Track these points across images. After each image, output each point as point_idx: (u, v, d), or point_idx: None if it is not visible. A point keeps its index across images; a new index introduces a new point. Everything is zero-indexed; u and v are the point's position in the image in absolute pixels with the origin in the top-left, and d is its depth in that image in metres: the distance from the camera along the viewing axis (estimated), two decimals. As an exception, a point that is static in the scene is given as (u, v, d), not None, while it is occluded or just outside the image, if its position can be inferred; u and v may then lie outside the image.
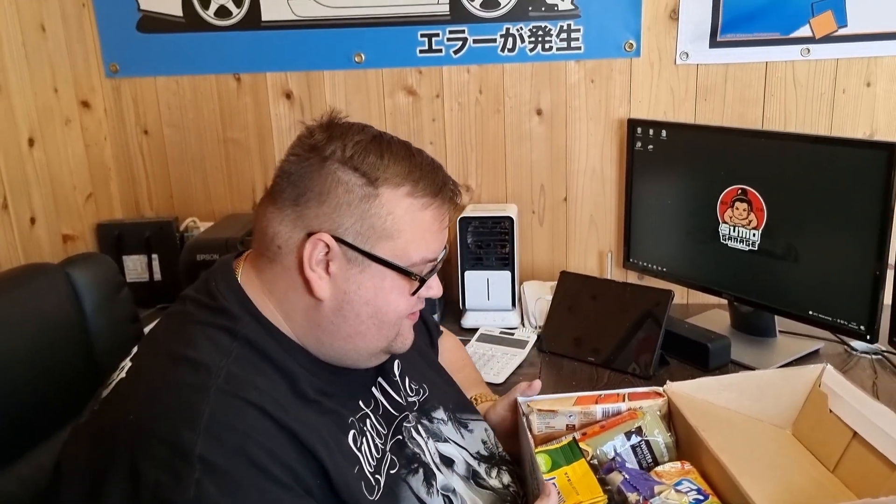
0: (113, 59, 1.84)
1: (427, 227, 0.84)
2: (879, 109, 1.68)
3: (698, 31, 1.68)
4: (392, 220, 0.81)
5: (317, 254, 0.80)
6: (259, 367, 0.80)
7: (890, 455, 0.86)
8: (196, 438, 0.69)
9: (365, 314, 0.84)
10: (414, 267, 0.84)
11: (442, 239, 0.87)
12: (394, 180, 0.81)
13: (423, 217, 0.84)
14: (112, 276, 1.17)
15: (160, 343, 0.83)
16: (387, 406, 0.93)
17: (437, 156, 1.81)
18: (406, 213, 0.82)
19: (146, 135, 1.89)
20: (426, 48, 1.76)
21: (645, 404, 1.00)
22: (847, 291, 1.35)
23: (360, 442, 0.84)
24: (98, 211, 1.86)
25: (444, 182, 0.86)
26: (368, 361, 0.89)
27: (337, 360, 0.87)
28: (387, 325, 0.85)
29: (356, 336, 0.85)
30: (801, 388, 1.04)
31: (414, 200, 0.83)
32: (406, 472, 0.87)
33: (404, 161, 0.83)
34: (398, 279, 0.84)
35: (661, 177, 1.67)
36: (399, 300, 0.85)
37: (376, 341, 0.86)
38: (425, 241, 0.84)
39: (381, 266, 0.82)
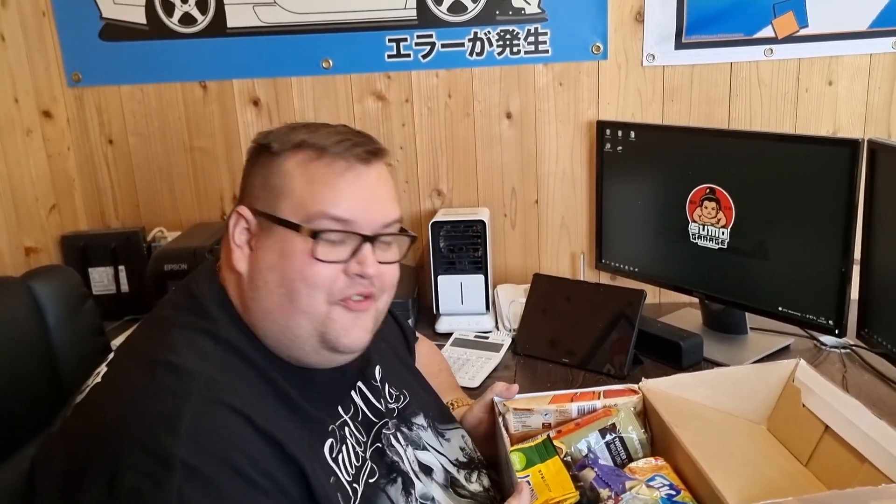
0: (75, 68, 1.80)
1: (320, 178, 0.81)
2: (841, 107, 1.71)
3: (664, 32, 1.70)
4: (288, 178, 0.82)
5: (240, 228, 0.83)
6: (241, 372, 0.79)
7: (860, 448, 0.87)
8: (178, 443, 0.67)
9: (273, 282, 0.81)
10: (310, 222, 0.80)
11: (341, 194, 0.82)
12: (294, 142, 0.83)
13: (315, 169, 0.82)
14: (76, 289, 1.15)
15: (139, 348, 0.81)
16: (366, 412, 0.91)
17: (408, 161, 1.83)
18: (298, 166, 0.82)
19: (111, 144, 1.86)
20: (394, 53, 1.75)
21: (620, 401, 1.00)
22: (815, 287, 1.37)
23: (336, 451, 0.82)
24: (62, 222, 1.82)
25: (346, 137, 0.84)
26: (315, 356, 0.84)
27: (289, 357, 0.84)
28: (297, 296, 0.80)
29: (275, 313, 0.81)
30: (776, 383, 1.05)
31: (307, 153, 0.83)
32: (385, 482, 0.86)
33: (311, 127, 0.85)
34: (297, 239, 0.80)
35: (631, 178, 1.68)
36: (303, 264, 0.80)
37: (296, 318, 0.81)
38: (320, 193, 0.81)
39: (282, 227, 0.81)
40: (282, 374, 0.82)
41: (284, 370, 0.83)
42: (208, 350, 0.78)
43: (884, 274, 1.29)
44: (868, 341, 1.33)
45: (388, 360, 1.02)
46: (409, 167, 1.83)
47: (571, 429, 0.97)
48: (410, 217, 1.87)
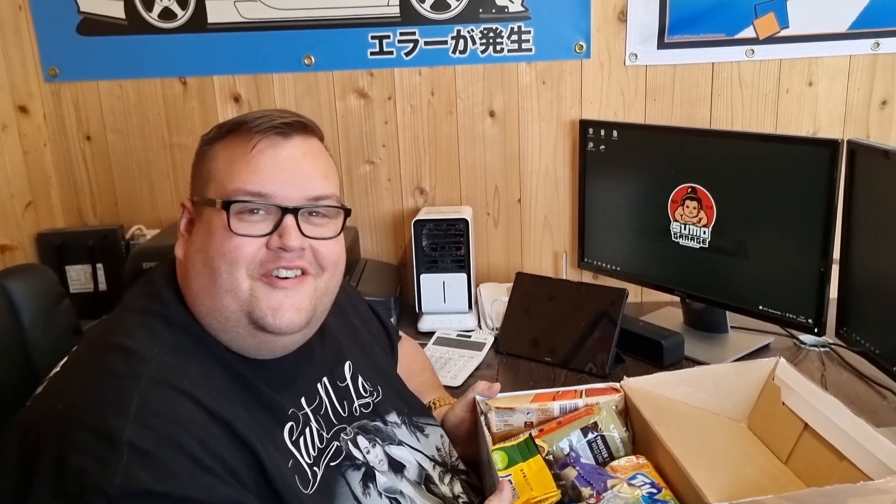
0: (52, 63, 1.77)
1: (237, 155, 0.83)
2: (821, 108, 1.73)
3: (646, 32, 1.70)
4: (213, 162, 0.85)
5: (184, 219, 0.87)
6: (194, 354, 0.79)
7: (839, 445, 0.87)
8: (125, 425, 0.67)
9: (199, 263, 0.82)
10: (227, 197, 0.81)
11: (256, 168, 0.81)
12: (218, 130, 0.86)
13: (233, 147, 0.84)
14: (51, 288, 1.13)
15: (95, 334, 0.82)
16: (329, 411, 0.91)
17: (391, 159, 1.82)
18: (220, 150, 0.85)
19: (89, 140, 1.83)
20: (377, 50, 1.74)
21: (602, 400, 1.00)
22: (795, 286, 1.38)
23: (297, 434, 0.82)
24: (38, 220, 1.79)
25: (263, 115, 0.84)
26: (252, 339, 0.82)
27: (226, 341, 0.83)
28: (218, 273, 0.80)
29: (203, 294, 0.81)
30: (756, 381, 1.05)
31: (226, 137, 0.85)
32: (346, 466, 0.86)
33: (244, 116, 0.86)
34: (215, 215, 0.81)
35: (613, 177, 1.68)
36: (221, 239, 0.80)
37: (224, 301, 0.80)
38: (237, 170, 0.82)
39: (207, 208, 0.83)
40: (238, 358, 0.83)
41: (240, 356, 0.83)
42: (161, 333, 0.78)
43: (862, 273, 1.30)
44: (847, 340, 1.35)
45: (360, 358, 1.01)
46: (391, 165, 1.82)
47: (553, 427, 0.97)
48: (393, 215, 1.86)
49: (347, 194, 1.83)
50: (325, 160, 0.89)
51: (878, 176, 1.24)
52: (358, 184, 1.83)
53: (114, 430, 0.67)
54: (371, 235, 1.87)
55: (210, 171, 0.84)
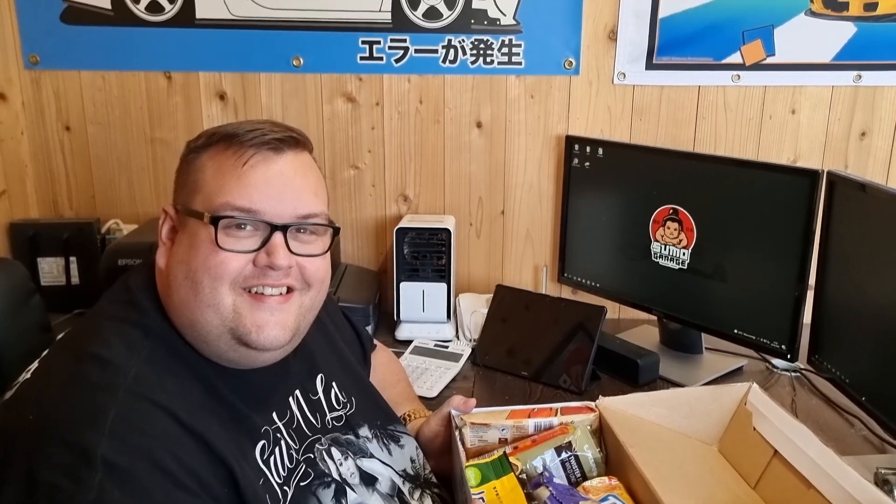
0: (33, 50, 1.74)
1: (227, 169, 0.81)
2: (802, 136, 1.76)
3: (635, 52, 1.72)
4: (201, 171, 0.83)
5: (165, 227, 0.84)
6: (171, 367, 0.77)
7: (807, 474, 0.88)
8: (100, 440, 0.66)
9: (181, 275, 0.80)
10: (215, 211, 0.79)
11: (247, 183, 0.80)
12: (208, 134, 0.84)
13: (223, 160, 0.82)
14: (21, 283, 1.11)
15: (69, 340, 0.80)
16: (301, 423, 0.90)
17: (376, 164, 1.81)
18: (208, 161, 0.83)
19: (68, 131, 1.80)
20: (367, 55, 1.74)
21: (577, 419, 1.00)
22: (770, 311, 1.39)
23: (268, 453, 0.81)
24: (11, 209, 1.75)
25: (258, 126, 0.83)
26: (234, 353, 0.81)
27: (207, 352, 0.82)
28: (200, 287, 0.79)
29: (183, 307, 0.80)
30: (728, 405, 1.06)
31: (217, 147, 0.83)
32: (317, 485, 0.85)
33: (229, 125, 0.85)
34: (201, 229, 0.80)
35: (597, 194, 1.69)
36: (206, 253, 0.79)
37: (206, 315, 0.79)
38: (226, 184, 0.80)
39: (192, 219, 0.81)
40: (214, 371, 0.81)
41: (217, 367, 0.82)
42: (138, 343, 0.77)
43: (836, 302, 1.32)
44: (818, 367, 1.36)
45: (334, 368, 1.00)
46: (376, 171, 1.82)
47: (528, 445, 0.97)
48: (375, 221, 1.85)
49: (331, 198, 1.81)
50: (316, 176, 0.88)
51: (855, 207, 1.26)
52: (342, 188, 1.82)
53: (88, 445, 0.65)
54: (352, 240, 1.86)
55: (197, 181, 0.82)
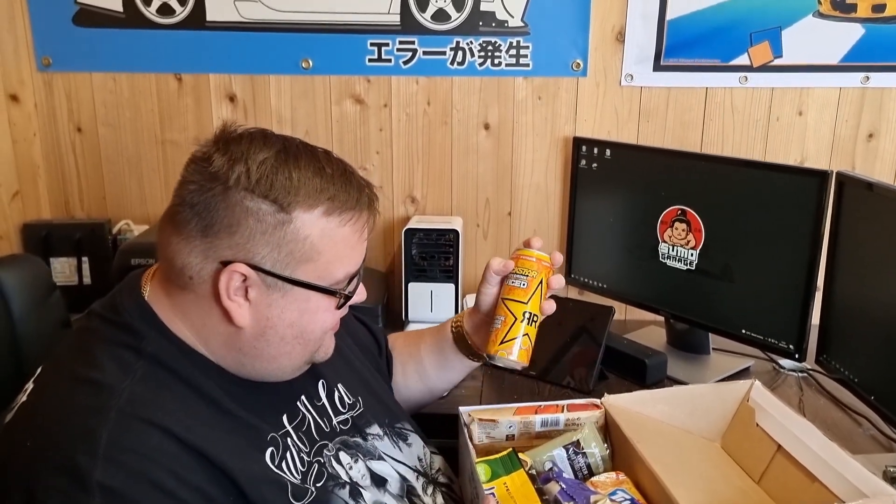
0: (46, 52, 1.76)
1: (347, 243, 0.82)
2: (809, 138, 1.76)
3: (643, 54, 1.72)
4: (310, 244, 0.78)
5: (234, 284, 0.77)
6: (166, 384, 0.76)
7: (811, 467, 0.89)
8: (94, 464, 0.66)
9: (290, 336, 0.82)
10: (338, 284, 0.83)
11: (362, 249, 0.86)
12: (307, 202, 0.77)
13: (342, 234, 0.81)
14: (42, 279, 1.13)
15: (62, 363, 0.79)
16: (311, 427, 0.90)
17: (384, 166, 1.82)
18: (323, 233, 0.79)
19: (79, 132, 1.82)
20: (375, 57, 1.75)
21: (583, 416, 1.01)
22: (778, 312, 1.39)
23: (278, 458, 0.81)
24: (25, 210, 1.77)
25: (359, 192, 0.82)
26: (292, 375, 0.88)
27: (258, 378, 0.85)
28: (312, 342, 0.85)
29: (281, 356, 0.83)
30: (731, 402, 1.07)
31: (330, 219, 0.79)
32: (332, 486, 0.85)
33: (315, 178, 0.78)
34: (323, 299, 0.82)
35: (604, 195, 1.70)
36: (325, 317, 0.84)
37: (301, 357, 0.86)
38: (347, 258, 0.82)
39: (305, 289, 0.80)
40: (221, 386, 0.81)
41: (227, 383, 0.82)
42: (132, 364, 0.76)
43: (845, 302, 1.32)
44: (826, 367, 1.36)
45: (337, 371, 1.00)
46: (384, 172, 1.83)
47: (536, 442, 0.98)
48: (383, 222, 1.86)
49: (338, 199, 1.83)
50: None
51: (864, 208, 1.26)
52: (349, 189, 1.83)
53: (83, 470, 0.66)
54: (360, 241, 1.87)
55: (303, 252, 0.78)
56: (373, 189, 0.86)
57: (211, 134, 0.81)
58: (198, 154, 0.80)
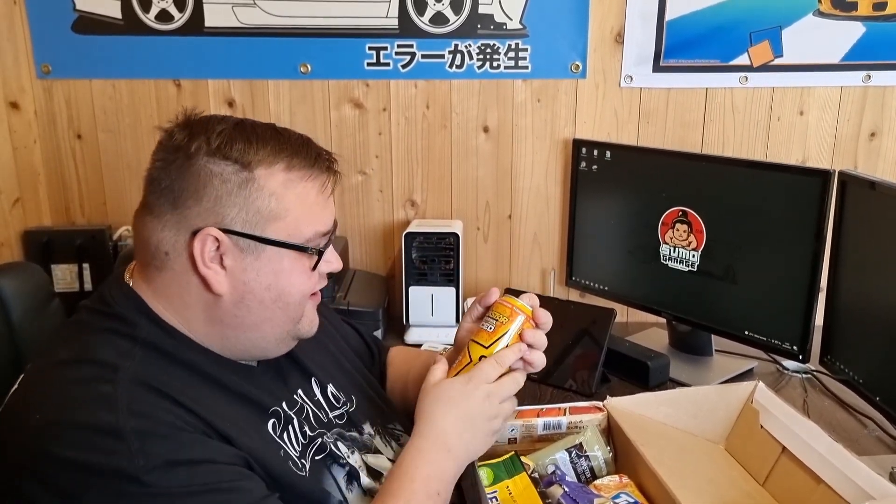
0: (45, 60, 1.76)
1: (313, 199, 0.84)
2: (811, 137, 1.75)
3: (642, 55, 1.72)
4: (276, 200, 0.81)
5: (208, 250, 0.79)
6: (165, 367, 0.78)
7: (817, 469, 0.88)
8: (119, 417, 0.69)
9: (268, 299, 0.83)
10: (309, 242, 0.84)
11: (329, 210, 0.87)
12: (267, 160, 0.81)
13: (305, 189, 0.83)
14: (42, 287, 1.13)
15: (55, 353, 0.79)
16: (309, 415, 0.91)
17: (383, 170, 1.82)
18: (287, 188, 0.81)
19: (79, 139, 1.82)
20: (374, 61, 1.75)
21: (585, 418, 1.01)
22: (781, 313, 1.38)
23: (280, 429, 0.84)
24: (25, 217, 1.77)
25: (317, 153, 0.85)
26: (277, 349, 0.88)
27: (245, 353, 0.86)
28: (292, 306, 0.85)
29: (263, 323, 0.84)
30: (735, 404, 1.06)
31: (291, 174, 0.82)
32: (331, 462, 0.87)
33: (272, 140, 0.82)
34: (296, 257, 0.83)
35: (605, 197, 1.69)
36: (301, 279, 0.84)
37: (283, 325, 0.85)
38: (314, 214, 0.84)
39: (277, 248, 0.82)
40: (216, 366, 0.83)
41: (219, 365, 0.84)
42: (130, 350, 0.78)
43: (848, 302, 1.31)
44: (831, 368, 1.35)
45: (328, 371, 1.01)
46: (384, 176, 1.82)
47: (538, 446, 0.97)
48: (383, 226, 1.86)
49: (339, 204, 1.83)
50: None
51: (867, 207, 1.25)
52: (349, 194, 1.83)
53: (112, 423, 0.68)
54: (360, 246, 1.87)
55: (271, 209, 0.80)
56: (331, 155, 0.88)
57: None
58: (162, 135, 0.84)
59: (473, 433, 0.86)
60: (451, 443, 0.85)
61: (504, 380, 0.88)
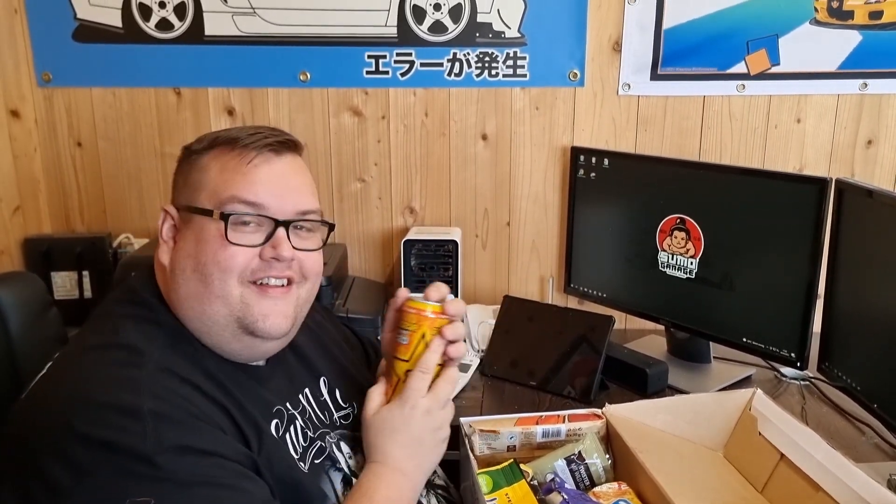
0: (46, 68, 1.77)
1: (232, 167, 0.86)
2: (808, 145, 1.76)
3: (640, 63, 1.73)
4: (204, 172, 0.87)
5: (166, 226, 0.88)
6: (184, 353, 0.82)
7: (815, 476, 0.88)
8: (140, 398, 0.72)
9: (189, 268, 0.84)
10: (222, 207, 0.84)
11: (252, 180, 0.85)
12: (209, 139, 0.89)
13: (227, 160, 0.86)
14: (39, 296, 1.13)
15: (85, 338, 0.83)
16: (312, 416, 0.93)
17: (382, 177, 1.83)
18: (213, 160, 0.87)
19: (79, 147, 1.82)
20: (373, 69, 1.76)
21: (585, 426, 1.01)
22: (779, 320, 1.39)
23: (282, 430, 0.86)
24: (26, 224, 1.77)
25: (258, 130, 0.88)
26: (238, 343, 0.86)
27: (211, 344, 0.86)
28: (210, 280, 0.83)
29: (192, 299, 0.84)
30: (733, 411, 1.06)
31: (220, 149, 0.87)
32: (329, 466, 0.89)
33: (227, 130, 0.90)
34: (212, 225, 0.84)
35: (603, 204, 1.70)
36: (216, 247, 0.83)
37: (214, 306, 0.84)
38: (231, 180, 0.85)
39: (198, 215, 0.85)
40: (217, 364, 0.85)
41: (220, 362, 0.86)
42: (154, 333, 0.82)
43: (846, 309, 1.31)
44: (829, 375, 1.36)
45: (335, 374, 1.03)
46: (382, 184, 1.83)
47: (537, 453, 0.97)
48: (382, 233, 1.86)
49: (338, 211, 1.83)
50: (310, 177, 0.94)
51: (864, 214, 1.26)
52: (348, 201, 1.83)
53: (131, 404, 0.71)
54: (359, 253, 1.87)
55: (201, 180, 0.87)
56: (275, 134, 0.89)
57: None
58: None
59: (423, 452, 0.89)
60: (404, 467, 0.87)
61: (438, 386, 0.89)
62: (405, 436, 0.88)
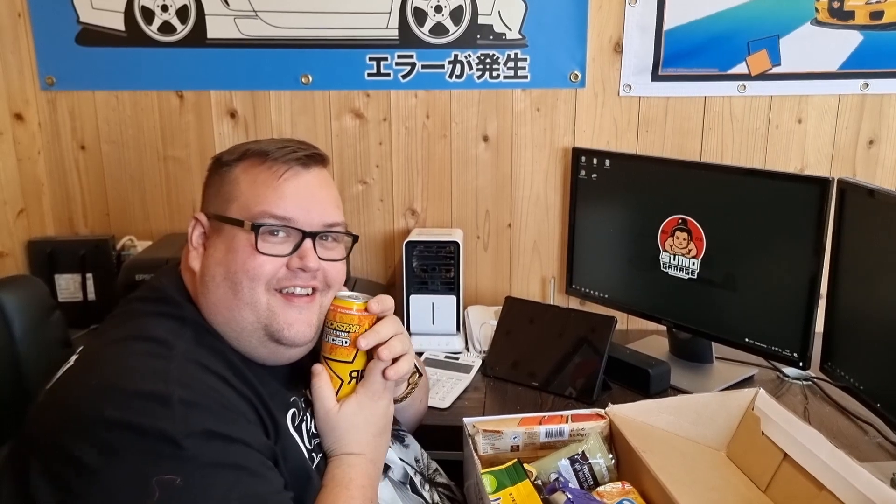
0: (49, 72, 1.78)
1: (263, 181, 0.89)
2: (809, 145, 1.76)
3: (641, 64, 1.73)
4: (235, 184, 0.90)
5: (196, 232, 0.92)
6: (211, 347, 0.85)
7: (818, 475, 0.88)
8: (170, 387, 0.74)
9: (219, 276, 0.87)
10: (253, 219, 0.87)
11: (282, 194, 0.89)
12: (240, 152, 0.92)
13: (258, 173, 0.90)
14: (43, 300, 1.13)
15: (110, 333, 0.85)
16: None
17: (384, 179, 1.83)
18: (243, 173, 0.91)
19: (83, 150, 1.83)
20: (374, 72, 1.76)
21: (588, 426, 1.01)
22: (782, 320, 1.39)
23: (298, 420, 0.89)
24: (30, 227, 1.78)
25: (283, 146, 0.91)
26: (264, 349, 0.89)
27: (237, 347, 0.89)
28: (239, 287, 0.87)
29: (220, 305, 0.87)
30: (736, 411, 1.07)
31: (251, 162, 0.91)
32: None
33: (257, 142, 0.93)
34: (242, 235, 0.87)
35: (604, 205, 1.70)
36: (245, 256, 0.87)
37: (242, 313, 0.87)
38: (263, 194, 0.88)
39: (229, 225, 0.88)
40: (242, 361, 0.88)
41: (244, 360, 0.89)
42: (179, 329, 0.84)
43: (848, 309, 1.31)
44: (831, 375, 1.36)
45: None
46: (384, 186, 1.83)
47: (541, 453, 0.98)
48: (384, 235, 1.86)
49: (340, 213, 1.84)
50: (335, 190, 0.97)
51: (866, 214, 1.26)
52: (350, 203, 1.84)
53: (162, 391, 0.73)
54: (361, 254, 1.88)
55: (232, 192, 0.90)
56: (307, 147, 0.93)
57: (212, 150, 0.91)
58: None
59: (385, 439, 0.95)
60: (376, 457, 0.92)
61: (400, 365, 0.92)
62: (376, 426, 0.92)
